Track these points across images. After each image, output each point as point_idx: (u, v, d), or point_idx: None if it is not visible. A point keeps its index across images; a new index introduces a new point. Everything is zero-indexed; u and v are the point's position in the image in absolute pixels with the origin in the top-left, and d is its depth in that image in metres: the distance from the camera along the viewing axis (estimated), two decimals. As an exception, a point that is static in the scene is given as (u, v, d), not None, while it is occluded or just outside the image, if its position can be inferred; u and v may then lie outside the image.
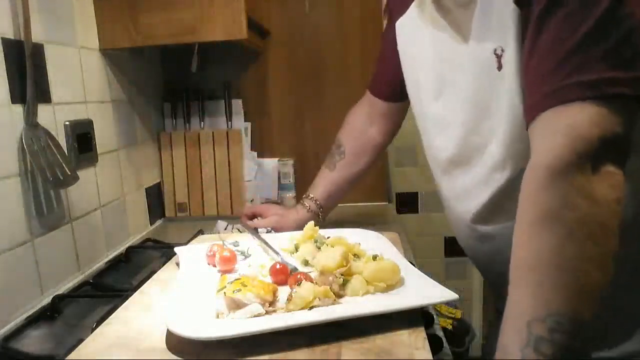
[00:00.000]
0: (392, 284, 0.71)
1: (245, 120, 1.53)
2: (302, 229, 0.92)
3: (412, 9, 0.84)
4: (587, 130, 0.53)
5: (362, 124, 1.12)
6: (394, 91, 1.05)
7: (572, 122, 0.54)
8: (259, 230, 1.10)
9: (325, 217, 1.15)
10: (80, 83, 1.08)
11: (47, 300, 0.90)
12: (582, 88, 0.54)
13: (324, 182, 1.13)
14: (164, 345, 0.62)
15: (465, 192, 0.79)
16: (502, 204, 0.74)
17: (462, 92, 0.74)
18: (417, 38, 0.83)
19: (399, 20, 0.88)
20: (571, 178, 0.53)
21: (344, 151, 1.11)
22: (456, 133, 0.77)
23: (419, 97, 0.86)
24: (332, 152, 1.14)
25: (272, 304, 0.67)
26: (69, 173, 0.94)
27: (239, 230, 1.13)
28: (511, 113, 0.67)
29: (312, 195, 1.13)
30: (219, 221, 1.27)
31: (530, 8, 0.59)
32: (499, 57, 0.67)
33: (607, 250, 0.53)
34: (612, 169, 0.54)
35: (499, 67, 0.67)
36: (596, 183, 0.53)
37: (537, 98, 0.58)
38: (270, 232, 1.09)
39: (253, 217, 1.17)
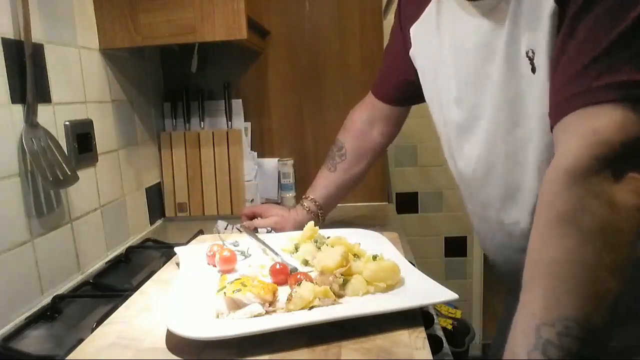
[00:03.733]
0: (392, 284, 0.71)
1: (245, 120, 1.53)
2: (302, 230, 0.92)
3: (429, 14, 0.83)
4: (610, 134, 0.52)
5: (363, 125, 1.11)
6: (400, 95, 1.05)
7: (596, 126, 0.53)
8: (259, 230, 1.10)
9: (325, 218, 1.15)
10: (80, 83, 1.08)
11: (47, 300, 0.90)
12: (610, 90, 0.53)
13: (324, 183, 1.13)
14: (164, 345, 0.62)
15: (506, 199, 0.76)
16: None
17: (493, 97, 0.72)
18: (435, 43, 0.82)
19: (414, 26, 0.87)
20: (589, 183, 0.52)
21: (345, 153, 1.11)
22: (486, 138, 0.75)
23: (439, 103, 0.85)
24: (332, 154, 1.13)
25: (272, 304, 0.67)
26: (69, 173, 0.94)
27: (239, 230, 1.13)
28: (546, 116, 0.65)
29: (311, 197, 1.13)
30: (219, 221, 1.27)
31: (567, 8, 0.58)
32: (531, 60, 0.65)
33: (624, 257, 0.52)
34: (636, 174, 0.53)
35: (533, 70, 0.65)
36: (617, 189, 0.52)
37: (563, 99, 0.57)
38: (270, 232, 1.09)
39: (253, 217, 1.17)
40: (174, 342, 0.62)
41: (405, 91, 1.01)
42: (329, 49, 1.48)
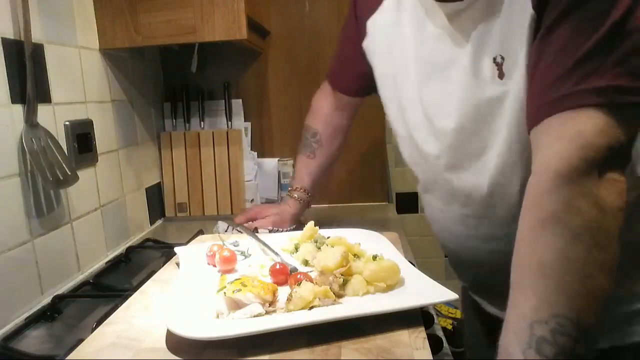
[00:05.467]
0: (392, 284, 0.71)
1: (245, 120, 1.53)
2: (299, 222, 0.92)
3: (388, 9, 0.82)
4: (595, 137, 0.53)
5: (330, 109, 1.14)
6: (359, 87, 1.05)
7: (580, 129, 0.54)
8: (262, 230, 1.11)
9: (311, 203, 1.20)
10: (80, 83, 1.08)
11: (47, 300, 0.90)
12: (591, 95, 0.54)
13: (308, 171, 1.17)
14: (164, 345, 0.62)
15: (470, 194, 0.78)
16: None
17: (457, 100, 0.72)
18: (397, 39, 0.80)
19: (371, 19, 0.85)
20: (577, 183, 0.53)
21: (319, 139, 1.15)
22: (450, 139, 0.75)
23: (399, 103, 0.83)
24: (307, 141, 1.17)
25: (272, 304, 0.67)
26: (69, 173, 0.94)
27: (239, 231, 1.13)
28: (514, 119, 0.67)
29: (299, 186, 1.17)
30: (219, 223, 1.26)
31: (545, 14, 0.59)
32: (499, 66, 0.66)
33: (611, 256, 0.53)
34: (617, 176, 0.54)
35: (500, 76, 0.66)
36: (602, 190, 0.53)
37: (544, 102, 0.58)
38: (277, 231, 1.11)
39: (248, 222, 1.18)
40: (174, 342, 0.62)
41: (363, 83, 0.99)
42: (329, 49, 1.48)
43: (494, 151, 0.71)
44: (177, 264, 0.88)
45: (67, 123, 1.01)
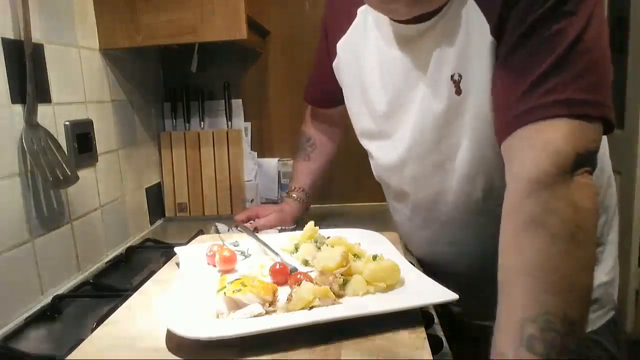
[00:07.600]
0: (392, 284, 0.71)
1: (245, 120, 1.53)
2: (298, 222, 0.93)
3: (356, 31, 0.84)
4: (563, 144, 0.57)
5: (323, 117, 1.17)
6: (331, 101, 1.07)
7: (549, 137, 0.58)
8: (272, 230, 1.13)
9: (310, 205, 1.24)
10: (80, 83, 1.08)
11: (47, 300, 0.90)
12: (557, 107, 0.58)
13: (306, 172, 1.20)
14: (164, 345, 0.62)
15: (434, 202, 0.83)
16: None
17: (417, 112, 0.76)
18: (363, 60, 0.83)
19: (341, 41, 0.88)
20: (552, 187, 0.56)
21: (313, 143, 1.19)
22: (411, 151, 0.80)
23: (364, 114, 0.87)
24: (302, 146, 1.20)
25: (272, 304, 0.67)
26: (69, 173, 0.94)
27: (239, 230, 1.13)
28: (474, 131, 0.71)
29: (297, 186, 1.19)
30: (220, 225, 1.26)
31: (505, 36, 0.63)
32: (456, 83, 0.70)
33: (590, 254, 0.56)
34: (587, 180, 0.58)
35: (458, 92, 0.70)
36: (576, 192, 0.57)
37: (512, 116, 0.62)
38: (284, 230, 1.12)
39: (248, 221, 1.18)
40: (174, 342, 0.62)
41: (332, 97, 1.02)
42: (329, 49, 1.48)
43: (457, 162, 0.75)
44: (177, 264, 0.88)
45: (67, 123, 1.01)
